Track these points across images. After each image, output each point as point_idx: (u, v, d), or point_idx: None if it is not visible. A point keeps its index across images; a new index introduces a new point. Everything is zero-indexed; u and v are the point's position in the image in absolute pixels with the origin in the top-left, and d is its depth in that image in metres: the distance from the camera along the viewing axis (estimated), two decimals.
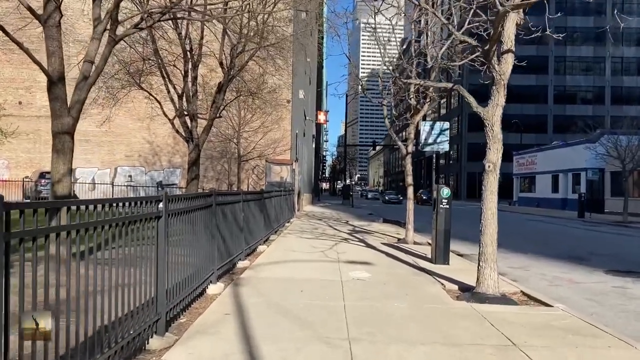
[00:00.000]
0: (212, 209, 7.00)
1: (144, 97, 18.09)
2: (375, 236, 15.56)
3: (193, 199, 5.91)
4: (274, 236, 14.11)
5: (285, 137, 29.16)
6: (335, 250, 11.68)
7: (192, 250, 5.95)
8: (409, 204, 14.02)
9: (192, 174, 15.69)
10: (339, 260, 10.04)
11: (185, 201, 5.59)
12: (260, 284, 7.40)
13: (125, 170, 30.09)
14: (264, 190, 13.22)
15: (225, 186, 29.53)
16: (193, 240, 6.00)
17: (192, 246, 5.94)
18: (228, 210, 8.18)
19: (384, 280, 8.11)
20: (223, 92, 15.51)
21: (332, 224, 19.84)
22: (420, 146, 11.45)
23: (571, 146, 40.76)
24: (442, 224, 10.08)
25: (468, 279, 8.37)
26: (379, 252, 11.75)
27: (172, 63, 15.78)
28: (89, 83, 8.67)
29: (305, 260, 10.00)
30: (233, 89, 19.25)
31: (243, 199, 9.49)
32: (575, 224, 26.64)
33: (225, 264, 7.82)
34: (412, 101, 13.80)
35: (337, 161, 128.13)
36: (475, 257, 12.56)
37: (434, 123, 11.39)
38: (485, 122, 7.23)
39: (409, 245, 13.47)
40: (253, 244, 10.69)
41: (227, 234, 8.13)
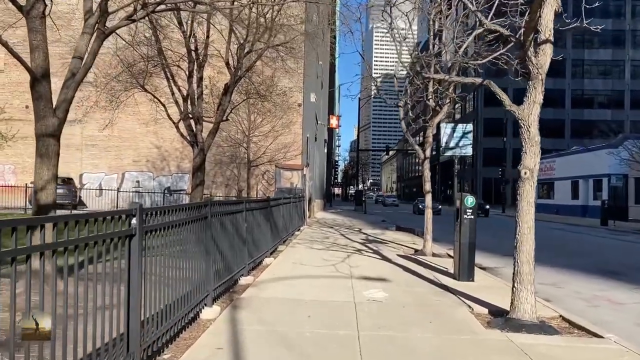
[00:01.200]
0: (208, 221, 6.13)
1: (148, 100, 17.37)
2: (390, 247, 14.60)
3: (181, 210, 5.03)
4: (283, 247, 13.22)
5: (296, 142, 28.32)
6: (347, 263, 10.76)
7: (181, 271, 5.08)
8: (427, 212, 13.06)
9: (197, 180, 14.88)
10: (351, 276, 9.11)
11: (170, 214, 4.72)
12: (263, 306, 6.51)
13: (133, 176, 29.44)
14: (272, 197, 12.35)
15: (234, 192, 28.76)
16: (182, 259, 5.13)
17: (181, 266, 5.07)
18: (228, 221, 7.32)
19: (402, 301, 7.17)
20: (229, 94, 14.70)
21: (344, 233, 18.91)
22: (441, 151, 10.52)
23: (592, 151, 39.41)
24: (466, 235, 9.12)
25: (497, 299, 7.40)
26: (395, 265, 10.80)
27: (176, 63, 15.00)
28: (76, 80, 7.88)
29: (315, 275, 9.09)
30: (242, 91, 18.46)
31: (246, 207, 8.63)
32: (599, 232, 25.40)
33: (223, 282, 6.95)
34: (431, 102, 12.88)
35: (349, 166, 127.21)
36: (499, 271, 11.61)
37: (456, 125, 10.53)
38: (520, 122, 6.29)
39: (428, 257, 12.51)
40: (258, 257, 9.82)
41: (227, 248, 7.26)
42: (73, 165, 29.75)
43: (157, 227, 4.35)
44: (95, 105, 15.97)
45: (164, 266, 4.58)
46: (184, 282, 5.18)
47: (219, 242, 6.74)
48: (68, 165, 29.74)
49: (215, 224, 6.53)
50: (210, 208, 6.19)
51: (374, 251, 13.21)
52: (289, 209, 15.34)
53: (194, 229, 5.56)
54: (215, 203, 6.56)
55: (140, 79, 15.59)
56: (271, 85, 18.89)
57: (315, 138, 33.84)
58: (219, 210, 6.69)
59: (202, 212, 5.85)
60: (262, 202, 10.29)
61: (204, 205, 5.97)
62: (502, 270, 11.55)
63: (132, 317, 3.91)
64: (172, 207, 4.75)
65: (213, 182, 29.10)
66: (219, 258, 6.78)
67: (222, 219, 6.90)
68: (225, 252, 7.15)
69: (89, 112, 16.01)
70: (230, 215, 7.45)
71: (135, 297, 3.91)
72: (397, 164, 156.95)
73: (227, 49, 14.39)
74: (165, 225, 4.54)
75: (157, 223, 4.33)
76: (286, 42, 15.58)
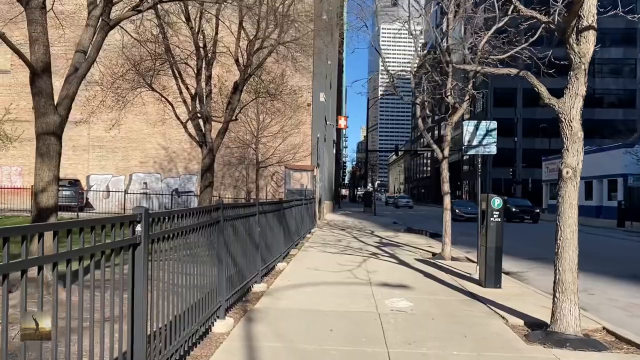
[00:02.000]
0: (220, 226, 5.63)
1: (156, 99, 16.93)
2: (406, 250, 14.05)
3: (191, 215, 4.52)
4: (295, 250, 12.71)
5: (306, 142, 27.81)
6: (364, 268, 10.22)
7: (191, 280, 4.58)
8: (446, 215, 12.50)
9: (205, 181, 14.42)
10: (370, 283, 8.58)
11: (180, 219, 4.21)
12: (279, 319, 5.99)
13: (141, 177, 29.05)
14: (284, 199, 11.84)
15: (243, 194, 28.31)
16: (192, 267, 4.63)
17: (190, 275, 4.57)
18: (240, 225, 6.81)
19: (429, 311, 6.63)
20: (239, 92, 14.23)
21: (356, 235, 18.37)
22: (464, 149, 9.96)
23: (606, 151, 38.61)
24: (492, 240, 8.56)
25: (531, 309, 6.85)
26: (415, 270, 10.25)
27: (184, 60, 14.54)
28: (79, 75, 7.41)
29: (332, 282, 8.56)
30: (251, 90, 17.99)
31: (259, 210, 8.12)
32: (618, 234, 24.69)
33: (236, 291, 6.43)
34: (450, 99, 12.32)
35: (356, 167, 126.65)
36: (524, 275, 11.02)
37: (479, 123, 9.91)
38: (560, 116, 5.75)
39: (447, 261, 11.94)
40: (271, 262, 9.30)
41: (240, 255, 6.75)
42: (80, 167, 29.43)
43: (165, 234, 3.84)
44: (101, 105, 15.51)
45: (173, 275, 4.08)
46: (194, 293, 4.67)
47: (231, 248, 6.24)
48: (75, 166, 29.45)
49: (228, 228, 6.02)
50: (223, 212, 5.68)
51: (390, 255, 12.67)
52: (300, 211, 14.83)
53: (205, 234, 5.06)
54: (228, 206, 6.06)
55: (148, 78, 15.15)
56: (281, 84, 18.40)
57: (324, 138, 33.33)
58: (231, 214, 6.19)
59: (213, 217, 5.34)
60: (275, 205, 9.78)
61: (215, 208, 5.47)
62: (526, 275, 10.98)
63: (136, 334, 3.41)
64: (181, 211, 4.24)
65: (222, 183, 28.63)
66: (232, 265, 6.27)
67: (234, 223, 6.39)
68: (238, 258, 6.64)
69: (94, 112, 15.56)
70: (243, 219, 6.94)
71: (140, 313, 3.41)
72: (405, 165, 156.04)
73: (237, 46, 13.91)
74: (174, 231, 4.04)
75: (165, 229, 3.82)
76: (297, 39, 15.10)
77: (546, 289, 9.26)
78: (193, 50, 14.22)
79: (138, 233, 3.34)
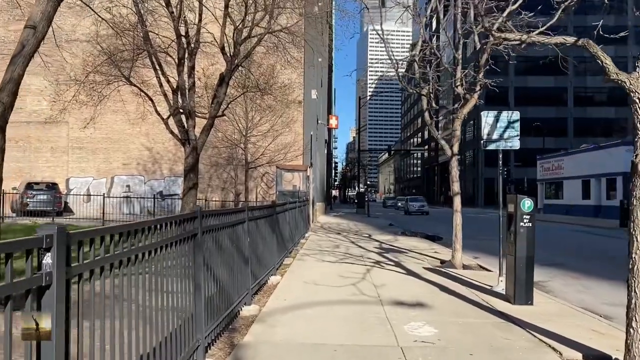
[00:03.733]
0: (198, 241, 4.31)
1: (135, 95, 15.55)
2: (410, 256, 12.79)
3: (151, 230, 3.19)
4: (289, 259, 11.38)
5: (297, 141, 26.49)
6: (370, 281, 8.93)
7: (156, 316, 3.25)
8: (457, 218, 11.25)
9: (189, 183, 13.07)
10: (380, 300, 7.29)
11: (128, 238, 2.88)
12: (275, 358, 4.67)
13: (123, 180, 27.53)
14: (277, 202, 10.53)
15: (231, 196, 26.92)
16: (155, 300, 3.31)
17: (154, 310, 3.24)
18: (225, 236, 5.49)
19: (461, 341, 5.35)
20: (225, 84, 12.89)
21: (353, 239, 17.08)
22: (482, 143, 8.71)
23: (605, 149, 37.70)
24: (523, 248, 7.31)
25: (582, 335, 5.61)
26: (428, 282, 8.98)
27: (164, 50, 13.17)
28: (26, 54, 6.06)
29: (335, 301, 7.25)
30: (239, 84, 16.66)
31: (249, 216, 6.80)
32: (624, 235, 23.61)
33: (220, 321, 5.11)
34: (460, 90, 11.09)
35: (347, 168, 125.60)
36: (546, 286, 9.62)
37: (499, 113, 8.68)
38: (632, 96, 4.54)
39: (459, 270, 10.69)
40: (263, 277, 7.98)
41: (225, 273, 5.43)
42: (59, 169, 27.87)
43: (100, 264, 2.51)
44: (74, 101, 14.06)
45: (117, 320, 2.75)
46: (157, 337, 3.34)
47: (213, 266, 4.92)
48: (53, 169, 27.88)
49: (209, 242, 4.70)
50: (201, 222, 4.35)
51: (395, 263, 11.39)
52: (294, 215, 13.53)
53: (174, 254, 3.73)
54: (208, 214, 4.74)
55: (125, 70, 13.78)
56: (271, 78, 17.08)
57: (316, 138, 32.04)
58: (213, 223, 4.86)
59: (187, 229, 4.02)
60: (267, 209, 8.46)
61: (190, 218, 4.14)
62: (550, 286, 9.75)
63: None
64: (132, 226, 2.91)
65: (209, 185, 27.24)
66: (214, 287, 4.95)
67: (217, 235, 5.07)
68: (223, 278, 5.32)
69: (66, 108, 14.13)
70: (229, 229, 5.62)
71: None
72: (395, 165, 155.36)
73: (222, 33, 12.57)
74: (117, 259, 2.70)
75: (99, 258, 2.49)
76: (287, 27, 13.80)
77: (580, 303, 8.06)
78: (174, 39, 12.86)
79: (47, 268, 2.01)
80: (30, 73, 21.22)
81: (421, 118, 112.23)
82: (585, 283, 10.20)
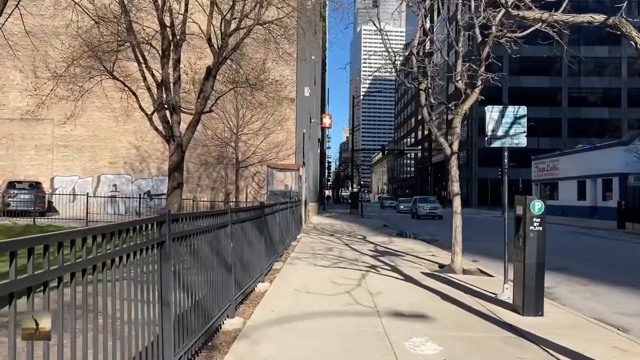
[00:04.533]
0: (165, 250, 3.64)
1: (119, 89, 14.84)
2: (407, 260, 12.17)
3: (94, 239, 2.52)
4: (279, 263, 10.72)
5: (290, 140, 25.80)
6: (365, 288, 8.29)
7: (107, 342, 2.59)
8: (456, 219, 10.63)
9: (174, 182, 12.39)
10: (378, 311, 6.65)
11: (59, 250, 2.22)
12: None
13: (110, 179, 26.71)
14: (267, 203, 9.87)
15: (221, 196, 26.20)
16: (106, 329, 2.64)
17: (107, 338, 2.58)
18: (203, 243, 4.83)
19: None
20: (212, 78, 12.20)
21: (347, 242, 16.44)
22: (487, 140, 8.09)
23: (601, 149, 37.32)
24: (532, 254, 6.70)
25: (607, 354, 5.00)
26: (427, 290, 8.35)
27: (147, 41, 12.47)
28: None
29: (329, 312, 6.60)
30: (228, 79, 15.96)
31: (233, 219, 6.14)
32: (623, 236, 23.17)
33: (197, 340, 4.44)
34: (460, 84, 10.49)
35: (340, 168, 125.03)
36: (552, 292, 8.96)
37: (505, 108, 8.07)
38: None
39: (459, 275, 10.08)
40: (249, 285, 7.32)
41: (202, 285, 4.77)
42: (43, 168, 27.01)
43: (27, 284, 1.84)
44: (53, 95, 13.29)
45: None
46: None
47: (188, 279, 4.25)
48: (38, 167, 27.03)
49: (181, 251, 4.04)
50: (170, 227, 3.69)
51: (391, 267, 10.76)
52: (285, 216, 12.86)
53: (135, 267, 3.07)
54: (181, 218, 4.07)
55: (107, 63, 13.08)
56: (262, 73, 16.40)
57: (309, 137, 31.37)
58: (186, 229, 4.20)
59: (150, 238, 3.36)
60: (254, 211, 7.79)
61: (156, 223, 3.48)
62: (557, 292, 9.14)
63: None
64: (71, 235, 2.25)
65: (198, 185, 26.50)
66: (188, 304, 4.29)
67: (193, 242, 4.41)
68: (200, 291, 4.66)
69: (44, 102, 13.36)
70: (207, 234, 4.96)
71: None
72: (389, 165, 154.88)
73: (209, 23, 11.88)
74: (45, 279, 2.04)
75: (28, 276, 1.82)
76: (279, 19, 13.14)
77: (590, 312, 7.46)
78: (159, 29, 12.17)
79: None
80: (13, 68, 20.35)
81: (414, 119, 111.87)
82: (593, 289, 9.62)
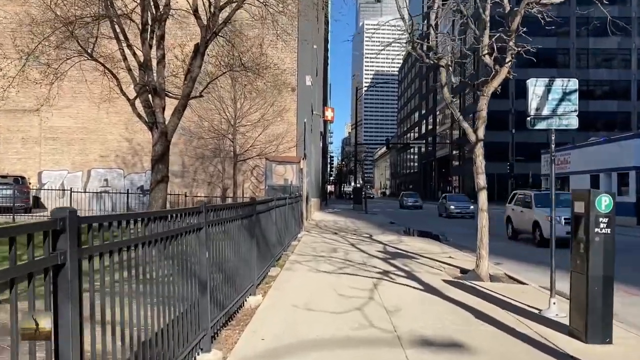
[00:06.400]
0: (65, 276, 2.14)
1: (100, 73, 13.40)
2: (422, 263, 10.67)
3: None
4: (275, 269, 9.22)
5: (290, 132, 24.27)
6: (379, 302, 6.80)
7: None
8: (482, 218, 9.14)
9: (157, 175, 10.97)
10: (398, 337, 5.17)
11: None
12: None
13: (100, 174, 25.23)
14: (259, 199, 8.39)
15: (219, 191, 24.73)
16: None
17: None
18: (158, 256, 3.33)
19: None
20: (200, 55, 10.71)
21: (353, 241, 14.94)
22: (529, 120, 6.58)
23: (616, 142, 35.65)
24: (599, 264, 5.19)
25: None
26: (455, 304, 6.84)
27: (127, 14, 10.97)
28: None
29: (335, 340, 5.11)
30: (222, 62, 14.45)
31: (208, 220, 4.65)
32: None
33: None
34: (487, 59, 8.97)
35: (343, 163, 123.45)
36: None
37: (551, 82, 6.56)
38: None
39: (486, 283, 8.59)
40: (236, 300, 5.83)
41: (156, 317, 3.28)
42: (30, 162, 25.56)
43: None
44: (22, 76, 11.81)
45: None
46: None
47: (125, 308, 2.76)
48: (24, 161, 25.58)
49: (101, 272, 2.55)
50: (69, 239, 2.19)
51: (406, 274, 9.26)
52: (284, 214, 11.37)
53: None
54: (91, 220, 2.58)
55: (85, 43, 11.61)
56: (260, 55, 14.87)
57: (311, 129, 29.84)
58: (112, 241, 2.70)
59: (40, 259, 1.86)
60: (242, 208, 6.28)
61: (51, 235, 1.98)
62: None
63: None
64: None
65: (194, 179, 25.04)
66: (135, 348, 2.80)
67: (131, 257, 2.92)
68: (157, 324, 3.17)
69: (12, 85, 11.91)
70: (164, 243, 3.47)
71: None
72: (391, 160, 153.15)
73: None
74: None
75: None
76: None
77: None
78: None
79: None
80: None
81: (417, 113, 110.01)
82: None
